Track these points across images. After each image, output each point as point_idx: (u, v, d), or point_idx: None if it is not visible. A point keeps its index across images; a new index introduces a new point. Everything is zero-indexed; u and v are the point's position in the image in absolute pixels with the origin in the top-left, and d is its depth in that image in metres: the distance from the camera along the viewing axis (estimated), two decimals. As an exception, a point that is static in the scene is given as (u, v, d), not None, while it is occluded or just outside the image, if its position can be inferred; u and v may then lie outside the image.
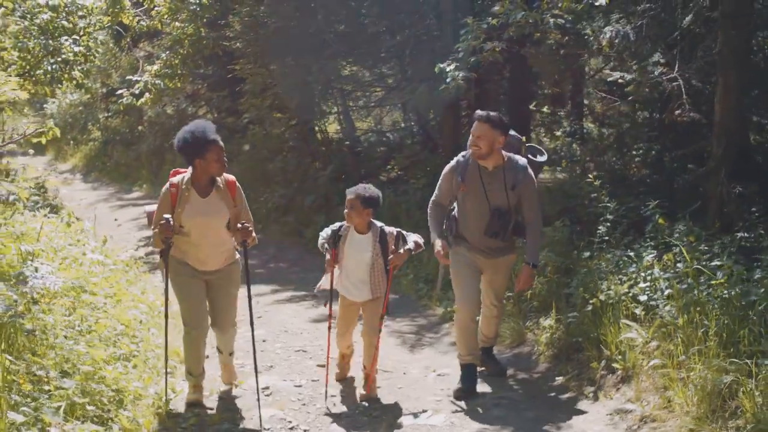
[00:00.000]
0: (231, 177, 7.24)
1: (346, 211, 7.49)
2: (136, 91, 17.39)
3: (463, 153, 7.64)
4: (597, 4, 9.15)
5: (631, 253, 8.25)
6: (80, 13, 15.25)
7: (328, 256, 7.48)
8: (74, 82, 15.26)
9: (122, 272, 10.74)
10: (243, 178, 18.08)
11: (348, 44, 15.48)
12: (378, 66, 17.27)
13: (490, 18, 10.11)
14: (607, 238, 9.01)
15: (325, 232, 7.66)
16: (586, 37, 9.30)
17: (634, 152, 10.91)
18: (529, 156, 7.78)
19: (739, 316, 6.44)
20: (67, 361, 6.78)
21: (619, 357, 7.26)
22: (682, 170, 10.16)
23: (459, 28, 10.82)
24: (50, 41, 14.38)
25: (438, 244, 7.55)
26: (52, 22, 14.47)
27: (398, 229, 7.61)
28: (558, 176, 12.31)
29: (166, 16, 17.50)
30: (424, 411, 7.23)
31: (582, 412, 7.07)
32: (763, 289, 6.46)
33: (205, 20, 17.56)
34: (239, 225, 6.97)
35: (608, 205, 9.44)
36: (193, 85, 22.46)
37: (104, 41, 23.85)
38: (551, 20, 9.65)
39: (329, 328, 7.76)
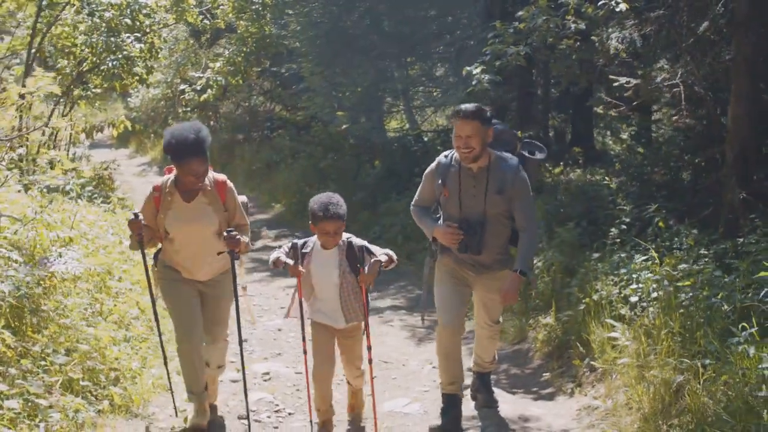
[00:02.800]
0: (221, 177, 6.59)
1: (324, 237, 6.31)
2: (198, 87, 17.94)
3: (445, 153, 6.65)
4: (618, 9, 9.31)
5: (623, 255, 8.38)
6: (144, 12, 15.81)
7: (287, 261, 6.37)
8: (136, 78, 15.82)
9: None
10: (301, 173, 18.70)
11: (399, 46, 15.75)
12: (432, 67, 17.55)
13: (517, 22, 10.33)
14: (618, 240, 9.15)
15: (281, 250, 6.55)
16: (595, 43, 9.44)
17: (657, 156, 11.00)
18: (525, 153, 6.79)
19: (698, 318, 6.58)
20: (76, 340, 7.25)
21: (599, 355, 7.43)
22: (700, 176, 10.24)
23: (488, 31, 11.03)
24: (112, 38, 14.95)
25: (439, 227, 6.62)
26: (114, 20, 15.04)
27: (364, 243, 6.45)
28: (577, 177, 12.40)
29: (230, 15, 18.02)
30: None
31: (554, 407, 7.30)
32: (724, 293, 6.59)
33: (268, 19, 18.04)
34: (225, 233, 6.26)
35: (624, 207, 9.60)
36: (262, 81, 23.02)
37: (182, 38, 24.59)
38: (572, 25, 9.82)
39: (305, 361, 6.70)
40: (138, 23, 15.91)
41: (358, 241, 6.45)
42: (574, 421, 6.91)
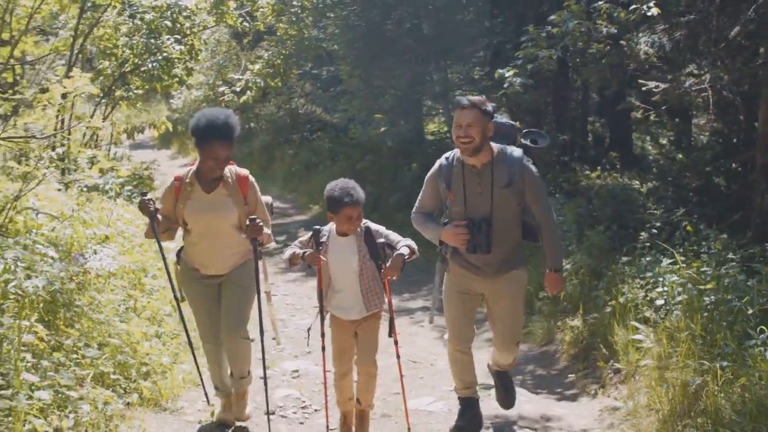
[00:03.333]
0: (243, 171, 6.49)
1: (346, 223, 6.10)
2: (238, 89, 18.14)
3: (446, 154, 6.40)
4: (649, 14, 9.35)
5: (648, 258, 8.41)
6: (185, 14, 16.01)
7: (305, 251, 6.19)
8: (176, 79, 16.02)
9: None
10: (339, 175, 18.86)
11: (436, 49, 15.84)
12: (470, 70, 17.63)
13: (549, 27, 10.40)
14: (648, 244, 9.18)
15: (299, 243, 6.35)
16: (624, 48, 9.49)
17: (691, 161, 11.02)
18: (527, 143, 6.53)
19: (721, 321, 6.62)
20: (108, 335, 7.42)
21: (623, 357, 7.48)
22: (733, 181, 10.25)
23: (521, 35, 11.11)
24: (152, 40, 15.16)
25: (446, 228, 6.30)
26: (154, 22, 15.26)
27: (380, 228, 6.29)
28: (610, 181, 12.43)
29: (270, 18, 18.21)
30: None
31: (577, 408, 7.36)
32: (748, 297, 6.62)
33: (308, 22, 18.21)
34: (249, 219, 6.16)
35: (655, 212, 9.64)
36: (303, 83, 23.21)
37: (224, 40, 24.83)
38: (604, 29, 9.87)
39: (324, 358, 6.56)
40: (178, 25, 16.11)
41: (374, 225, 6.28)
42: (595, 422, 6.97)
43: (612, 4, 10.04)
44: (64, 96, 10.35)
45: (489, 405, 7.28)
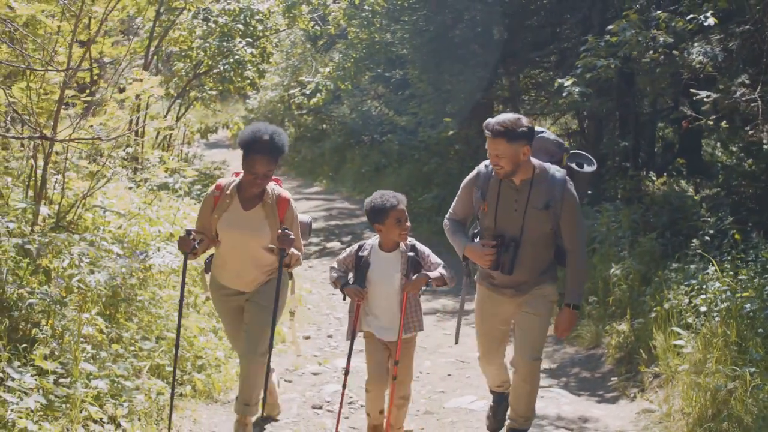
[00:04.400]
0: (285, 194, 6.32)
1: (395, 229, 6.02)
2: (308, 92, 18.51)
3: (486, 162, 6.04)
4: (706, 24, 9.44)
5: (693, 266, 8.51)
6: (257, 17, 16.39)
7: (347, 285, 6.16)
8: (247, 81, 16.39)
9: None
10: (407, 177, 19.11)
11: (503, 54, 16.02)
12: (538, 75, 17.78)
13: (608, 36, 10.53)
14: (699, 251, 9.26)
15: (338, 264, 6.29)
16: (676, 57, 9.58)
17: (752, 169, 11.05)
18: (572, 166, 6.21)
19: (759, 328, 6.74)
20: (166, 329, 7.78)
21: (663, 362, 7.62)
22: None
23: (580, 44, 11.25)
24: (224, 43, 15.58)
25: (472, 245, 6.08)
26: (227, 25, 15.67)
27: (427, 250, 6.19)
28: (667, 187, 12.48)
29: (341, 22, 18.55)
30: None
31: (615, 410, 7.53)
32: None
33: (378, 26, 18.52)
34: (280, 230, 6.08)
35: (708, 219, 9.72)
36: (376, 86, 23.54)
37: (299, 42, 25.26)
38: (660, 39, 9.97)
39: (343, 387, 6.47)
40: (251, 29, 16.50)
41: (420, 245, 6.16)
42: (630, 424, 7.14)
43: (671, 14, 10.13)
44: (137, 96, 10.78)
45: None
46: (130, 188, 10.90)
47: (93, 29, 10.61)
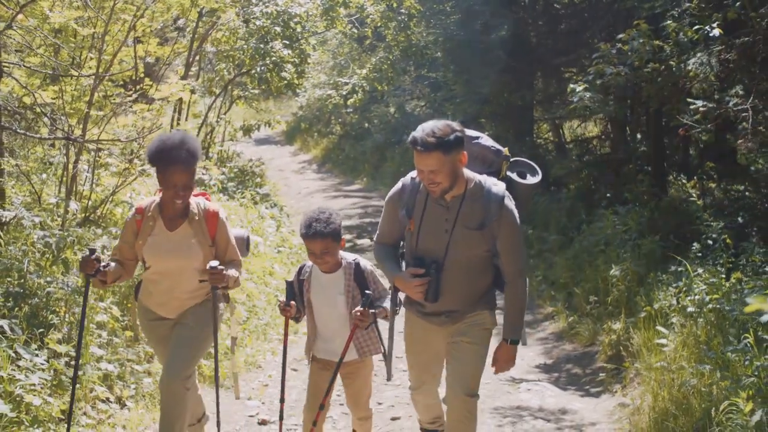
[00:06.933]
0: (214, 207, 5.75)
1: (311, 258, 5.53)
2: (344, 92, 19.04)
3: (413, 173, 5.30)
4: (711, 34, 9.75)
5: (681, 269, 8.85)
6: (295, 20, 16.95)
7: (280, 299, 5.66)
8: (284, 82, 16.95)
9: (280, 256, 12.46)
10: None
11: (528, 59, 16.37)
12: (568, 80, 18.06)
13: (620, 44, 10.88)
14: (700, 254, 9.59)
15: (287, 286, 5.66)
16: (672, 67, 9.89)
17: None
18: (512, 176, 5.51)
19: (728, 327, 7.12)
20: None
21: (644, 360, 8.02)
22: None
23: (594, 51, 11.60)
24: (261, 45, 16.17)
25: (400, 274, 5.32)
26: (264, 27, 16.26)
27: (371, 269, 5.60)
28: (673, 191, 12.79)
29: (378, 24, 19.06)
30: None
31: (596, 404, 7.97)
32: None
33: (414, 29, 19.01)
34: (208, 266, 5.42)
35: (711, 224, 10.05)
36: (420, 86, 24.01)
37: (345, 42, 25.81)
38: (668, 49, 10.30)
39: (280, 419, 5.85)
40: (289, 31, 17.06)
41: (367, 265, 5.60)
42: (605, 417, 7.58)
43: (680, 24, 10.43)
44: (178, 100, 11.32)
45: (516, 397, 7.95)
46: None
47: (139, 30, 11.20)
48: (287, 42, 16.57)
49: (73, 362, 6.63)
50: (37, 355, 6.35)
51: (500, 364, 5.41)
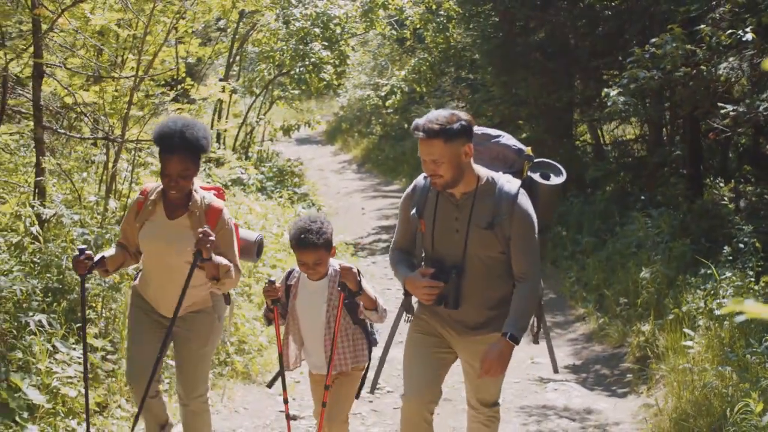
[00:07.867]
0: (218, 203, 5.44)
1: (302, 269, 5.30)
2: (382, 94, 19.21)
3: (425, 173, 4.97)
4: (744, 39, 9.80)
5: (710, 272, 8.91)
6: (334, 22, 17.16)
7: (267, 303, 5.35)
8: (323, 83, 17.15)
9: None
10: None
11: (566, 61, 16.43)
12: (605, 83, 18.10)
13: (654, 48, 10.95)
14: (731, 258, 9.65)
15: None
16: (703, 71, 9.94)
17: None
18: (534, 177, 5.15)
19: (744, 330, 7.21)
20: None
21: (670, 361, 8.10)
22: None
23: (630, 54, 11.67)
24: (300, 46, 16.39)
25: (411, 276, 5.00)
26: (304, 29, 16.48)
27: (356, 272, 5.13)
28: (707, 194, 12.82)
29: (418, 26, 19.21)
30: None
31: (621, 404, 8.06)
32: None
33: (453, 31, 19.14)
34: (199, 229, 5.07)
35: (743, 227, 10.10)
36: (462, 88, 24.13)
37: (386, 43, 25.98)
38: (700, 53, 10.36)
39: (287, 418, 5.62)
40: (329, 32, 17.27)
41: (353, 267, 5.20)
42: (629, 417, 7.68)
43: (714, 29, 10.48)
44: (219, 101, 11.52)
45: (543, 397, 8.07)
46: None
47: (181, 31, 11.42)
48: (326, 43, 16.76)
49: (108, 356, 6.88)
50: (74, 349, 6.56)
51: (489, 362, 4.78)
